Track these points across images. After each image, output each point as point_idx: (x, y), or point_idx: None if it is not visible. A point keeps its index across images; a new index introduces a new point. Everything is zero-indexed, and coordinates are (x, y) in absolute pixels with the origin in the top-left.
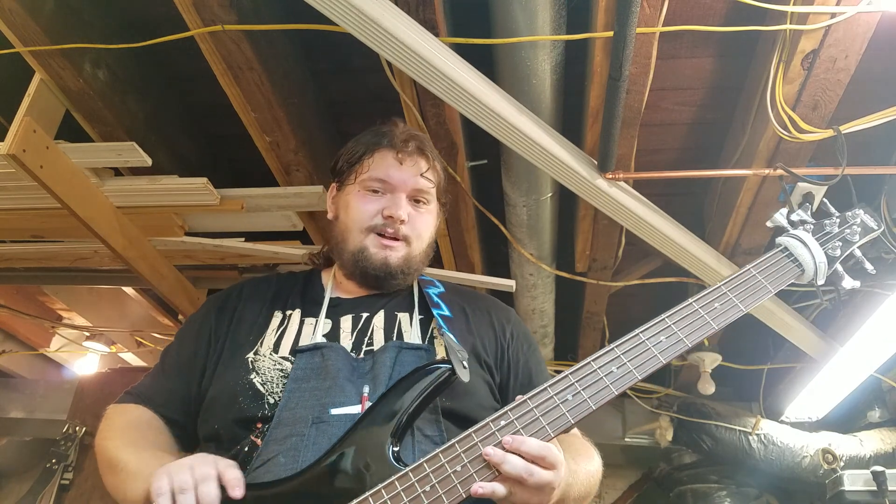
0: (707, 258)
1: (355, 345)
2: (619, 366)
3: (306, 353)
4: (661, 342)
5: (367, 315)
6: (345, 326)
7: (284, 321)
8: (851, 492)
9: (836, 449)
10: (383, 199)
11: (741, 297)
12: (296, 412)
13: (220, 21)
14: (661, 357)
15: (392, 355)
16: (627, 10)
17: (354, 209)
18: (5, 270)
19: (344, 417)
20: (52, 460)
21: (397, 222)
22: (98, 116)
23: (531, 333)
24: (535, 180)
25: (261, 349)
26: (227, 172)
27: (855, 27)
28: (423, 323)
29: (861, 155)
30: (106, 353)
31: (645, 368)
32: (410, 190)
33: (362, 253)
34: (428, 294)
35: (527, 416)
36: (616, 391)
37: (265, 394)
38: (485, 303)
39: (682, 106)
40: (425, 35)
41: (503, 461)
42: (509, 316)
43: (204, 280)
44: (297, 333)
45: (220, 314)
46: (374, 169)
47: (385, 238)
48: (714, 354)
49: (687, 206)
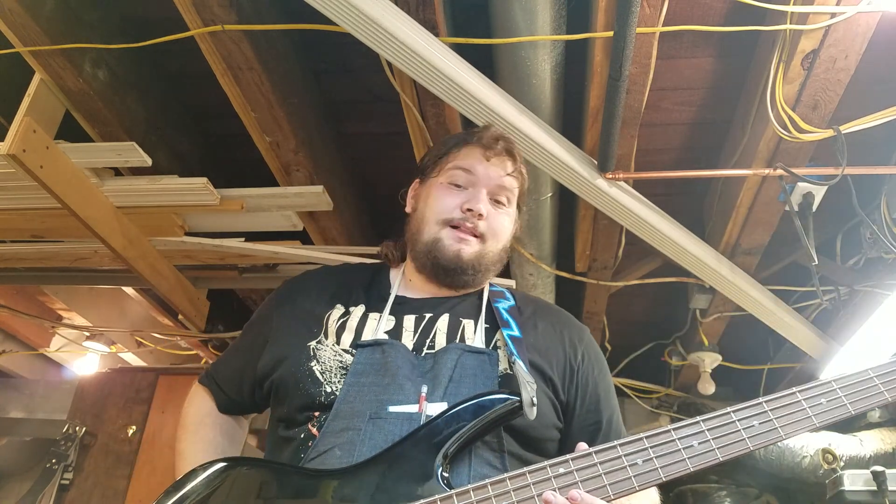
0: (707, 258)
1: (417, 345)
2: (700, 441)
3: (367, 348)
4: (753, 426)
5: (431, 316)
6: (407, 325)
7: (346, 314)
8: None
9: (836, 449)
10: (464, 193)
11: (851, 398)
12: (354, 406)
13: (220, 21)
14: (749, 443)
15: (454, 357)
16: (627, 10)
17: (435, 200)
18: (5, 270)
19: (401, 415)
20: (52, 460)
21: (476, 216)
22: (98, 116)
23: (603, 357)
24: (535, 180)
25: (324, 339)
26: (227, 172)
27: (855, 27)
28: (487, 332)
29: (861, 155)
30: (106, 353)
31: (729, 451)
32: (493, 186)
33: (436, 244)
34: (497, 310)
35: (588, 471)
36: (692, 467)
37: (323, 382)
38: (558, 317)
39: (682, 106)
40: (425, 35)
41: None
42: (582, 335)
43: (204, 280)
44: (357, 327)
45: (281, 304)
46: (460, 160)
47: (461, 231)
48: (714, 354)
49: (687, 206)
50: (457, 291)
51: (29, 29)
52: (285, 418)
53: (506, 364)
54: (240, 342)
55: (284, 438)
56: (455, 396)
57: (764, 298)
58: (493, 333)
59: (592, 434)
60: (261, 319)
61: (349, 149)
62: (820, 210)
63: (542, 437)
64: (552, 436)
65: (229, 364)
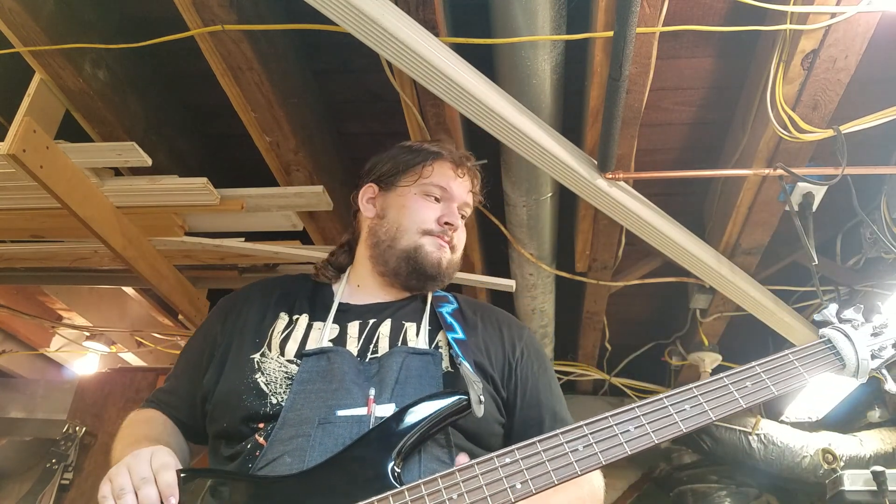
0: (707, 258)
1: (361, 350)
2: (636, 426)
3: (312, 356)
4: (685, 410)
5: (374, 321)
6: (352, 332)
7: (291, 325)
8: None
9: (836, 449)
10: (440, 207)
11: (774, 380)
12: (301, 413)
13: (220, 21)
14: (681, 425)
15: (399, 359)
16: (627, 10)
17: (414, 210)
18: (5, 270)
19: (350, 419)
20: (52, 460)
21: (453, 230)
22: (98, 116)
23: (545, 353)
24: (535, 180)
25: (268, 351)
26: (227, 172)
27: (855, 27)
28: (430, 334)
29: (861, 155)
30: (106, 353)
31: (662, 434)
32: (461, 203)
33: (417, 251)
34: (441, 314)
35: (533, 459)
36: (629, 451)
37: (268, 393)
38: (498, 317)
39: (682, 106)
40: (425, 35)
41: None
42: (521, 333)
43: (204, 280)
44: (303, 337)
45: (227, 316)
46: (437, 177)
47: (441, 240)
48: (714, 354)
49: (687, 206)
50: (401, 295)
51: (29, 29)
52: (227, 434)
53: (447, 363)
54: (183, 363)
55: (228, 456)
56: (402, 397)
57: (764, 298)
58: (435, 334)
59: (536, 429)
60: (204, 336)
61: (349, 149)
62: (820, 210)
63: (487, 433)
64: (496, 431)
65: (178, 389)
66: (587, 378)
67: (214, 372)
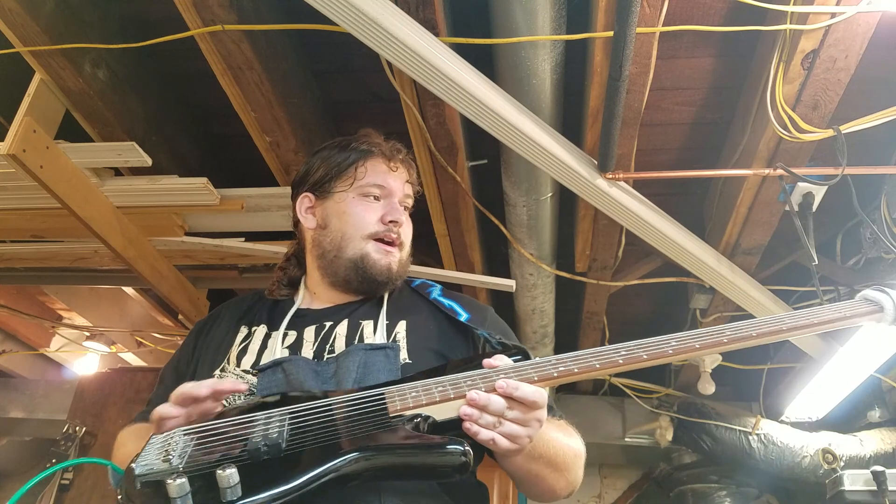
0: (707, 258)
1: (317, 352)
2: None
3: (267, 370)
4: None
5: (331, 324)
6: (308, 337)
7: (248, 336)
8: (851, 492)
9: (836, 449)
10: (380, 206)
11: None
12: None
13: (220, 21)
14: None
15: (356, 358)
16: (627, 10)
17: (354, 216)
18: (5, 270)
19: None
20: (52, 460)
21: (398, 226)
22: (98, 116)
23: (510, 331)
24: (535, 180)
25: (227, 365)
26: (227, 172)
27: (855, 27)
28: (388, 327)
29: (861, 155)
30: (106, 353)
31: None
32: (402, 196)
33: (364, 260)
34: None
35: (520, 370)
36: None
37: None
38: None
39: (682, 106)
40: (425, 35)
41: (487, 403)
42: (486, 313)
43: (204, 280)
44: (260, 347)
45: (198, 338)
46: (371, 176)
47: (386, 245)
48: (714, 354)
49: (687, 206)
50: (357, 297)
51: (29, 29)
52: None
53: (405, 354)
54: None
55: None
56: None
57: (764, 298)
58: (393, 328)
59: None
60: (178, 360)
61: None
62: (820, 210)
63: None
64: None
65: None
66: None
67: None
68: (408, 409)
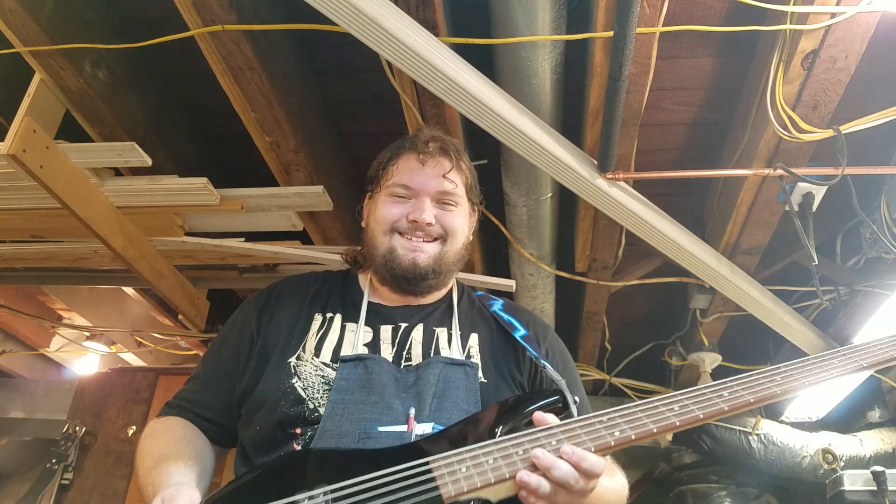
0: (707, 258)
1: (395, 357)
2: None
3: (349, 363)
4: (776, 381)
5: (406, 326)
6: (385, 336)
7: (325, 324)
8: (851, 492)
9: (836, 449)
10: (408, 204)
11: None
12: (341, 425)
13: (220, 21)
14: (777, 389)
15: (436, 371)
16: (627, 10)
17: (380, 213)
18: (5, 270)
19: (392, 434)
20: (52, 460)
21: (423, 226)
22: (98, 116)
23: (567, 351)
24: (535, 180)
25: (303, 354)
26: (227, 172)
27: (855, 27)
28: (461, 339)
29: (861, 155)
30: (106, 353)
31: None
32: (434, 193)
33: (391, 254)
34: (497, 315)
35: (628, 414)
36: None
37: (305, 399)
38: (526, 316)
39: (682, 106)
40: (425, 35)
41: (552, 466)
42: (546, 332)
43: (204, 280)
44: (338, 339)
45: (261, 315)
46: (398, 175)
47: (410, 240)
48: (714, 354)
49: (687, 206)
50: (424, 299)
51: (29, 29)
52: (260, 440)
53: (481, 374)
54: (214, 362)
55: (260, 465)
56: (440, 412)
57: (764, 298)
58: (466, 340)
59: None
60: (239, 335)
61: (349, 149)
62: (820, 210)
63: None
64: None
65: (209, 388)
66: (587, 378)
67: (252, 374)
68: (462, 496)
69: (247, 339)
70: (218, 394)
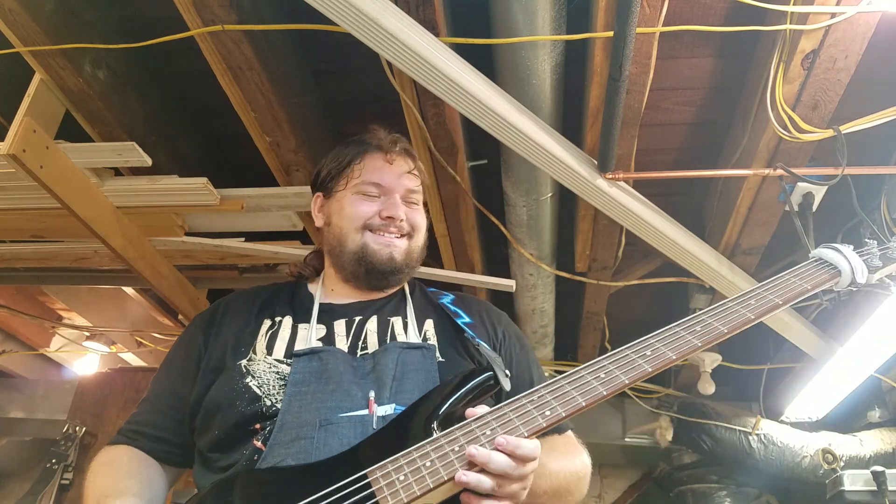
0: (707, 258)
1: (351, 347)
2: (654, 349)
3: (304, 357)
4: (696, 332)
5: (360, 318)
6: (339, 330)
7: (274, 325)
8: (851, 492)
9: (836, 449)
10: (378, 202)
11: (778, 294)
12: (301, 416)
13: (220, 21)
14: (697, 342)
15: (393, 356)
16: (627, 10)
17: (350, 210)
18: (5, 270)
19: (353, 419)
20: (52, 460)
21: (397, 222)
22: (98, 116)
23: (524, 336)
24: (535, 180)
25: (254, 355)
26: (227, 172)
27: (855, 27)
28: (417, 324)
29: (861, 155)
30: (106, 353)
31: (681, 349)
32: (403, 191)
33: (364, 250)
34: (444, 305)
35: (557, 390)
36: (651, 369)
37: (262, 395)
38: (479, 305)
39: (682, 106)
40: (425, 35)
41: (488, 461)
42: (500, 318)
43: (204, 280)
44: (290, 337)
45: (207, 330)
46: (367, 173)
47: (383, 236)
48: (714, 354)
49: (687, 206)
50: (380, 293)
51: (29, 29)
52: (220, 443)
53: (439, 354)
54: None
55: (224, 467)
56: (400, 394)
57: None
58: (421, 326)
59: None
60: (186, 350)
61: None
62: (820, 210)
63: None
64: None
65: (160, 406)
66: None
67: (202, 385)
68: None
69: (194, 355)
70: (168, 413)
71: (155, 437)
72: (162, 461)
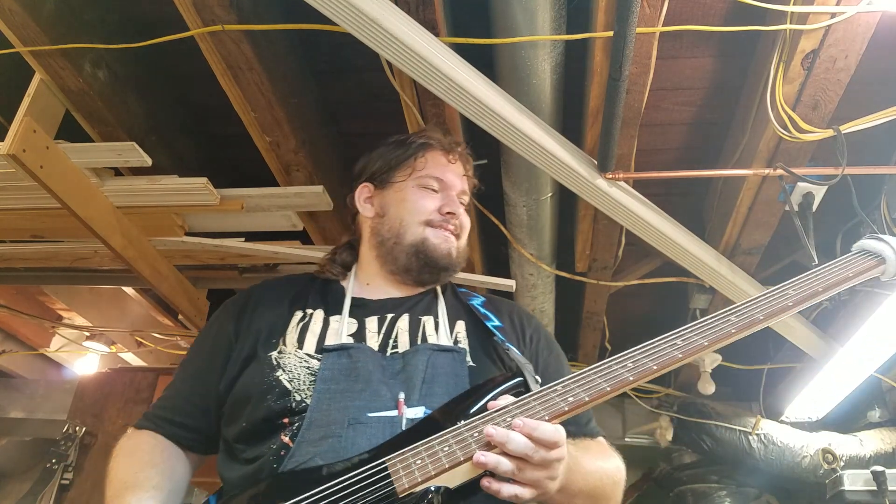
0: (707, 258)
1: (381, 345)
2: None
3: (333, 352)
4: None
5: (392, 316)
6: (370, 327)
7: (305, 318)
8: (851, 492)
9: (836, 449)
10: (439, 197)
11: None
12: (329, 414)
13: (220, 21)
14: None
15: (424, 357)
16: (627, 10)
17: (413, 203)
18: (5, 270)
19: (382, 419)
20: (52, 460)
21: (455, 218)
22: (98, 116)
23: (552, 337)
24: (535, 180)
25: (285, 347)
26: (227, 172)
27: (855, 27)
28: (449, 325)
29: (861, 155)
30: (106, 353)
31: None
32: (458, 191)
33: (424, 244)
34: (474, 306)
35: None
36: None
37: (292, 391)
38: (508, 308)
39: (682, 106)
40: (425, 35)
41: (507, 440)
42: (531, 321)
43: (204, 280)
44: (321, 331)
45: (239, 317)
46: (431, 168)
47: (443, 231)
48: (714, 354)
49: (687, 206)
50: (413, 290)
51: (29, 29)
52: (247, 435)
53: (470, 358)
54: (192, 368)
55: (249, 459)
56: (430, 397)
57: None
58: (453, 327)
59: None
60: (215, 338)
61: (349, 149)
62: (820, 210)
63: None
64: None
65: (185, 395)
66: None
67: (231, 374)
68: (416, 486)
69: (224, 344)
70: (195, 400)
71: (179, 423)
72: (185, 447)
